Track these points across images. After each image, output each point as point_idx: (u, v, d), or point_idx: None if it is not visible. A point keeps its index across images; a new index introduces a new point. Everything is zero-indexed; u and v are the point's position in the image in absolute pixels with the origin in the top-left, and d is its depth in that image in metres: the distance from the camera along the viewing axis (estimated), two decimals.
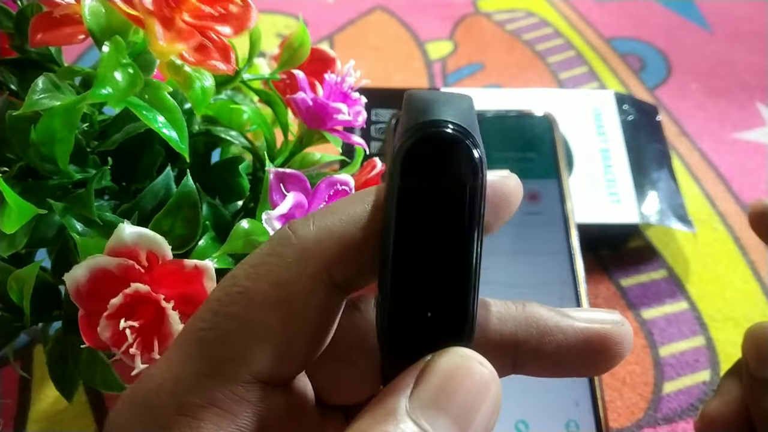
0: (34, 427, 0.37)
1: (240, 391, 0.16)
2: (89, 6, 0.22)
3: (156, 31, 0.21)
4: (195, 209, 0.24)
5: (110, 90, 0.21)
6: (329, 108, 0.27)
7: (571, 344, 0.18)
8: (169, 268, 0.21)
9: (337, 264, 0.16)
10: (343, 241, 0.17)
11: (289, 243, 0.17)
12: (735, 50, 0.63)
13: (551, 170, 0.43)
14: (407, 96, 0.18)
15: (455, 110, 0.16)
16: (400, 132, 0.17)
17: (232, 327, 0.16)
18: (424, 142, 0.16)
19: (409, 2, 0.68)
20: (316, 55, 0.31)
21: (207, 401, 0.16)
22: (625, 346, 0.18)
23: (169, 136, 0.23)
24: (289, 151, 0.29)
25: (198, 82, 0.23)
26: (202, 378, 0.16)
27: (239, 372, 0.16)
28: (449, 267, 0.16)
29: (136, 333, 0.20)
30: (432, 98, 0.17)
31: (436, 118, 0.16)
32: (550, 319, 0.18)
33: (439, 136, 0.16)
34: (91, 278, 0.21)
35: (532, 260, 0.40)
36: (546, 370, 0.19)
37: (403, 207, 0.16)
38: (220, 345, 0.16)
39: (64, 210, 0.23)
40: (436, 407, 0.15)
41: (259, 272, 0.16)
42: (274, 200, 0.22)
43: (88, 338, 0.21)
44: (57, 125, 0.22)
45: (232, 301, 0.16)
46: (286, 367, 0.17)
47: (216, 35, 0.23)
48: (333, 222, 0.17)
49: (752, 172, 0.52)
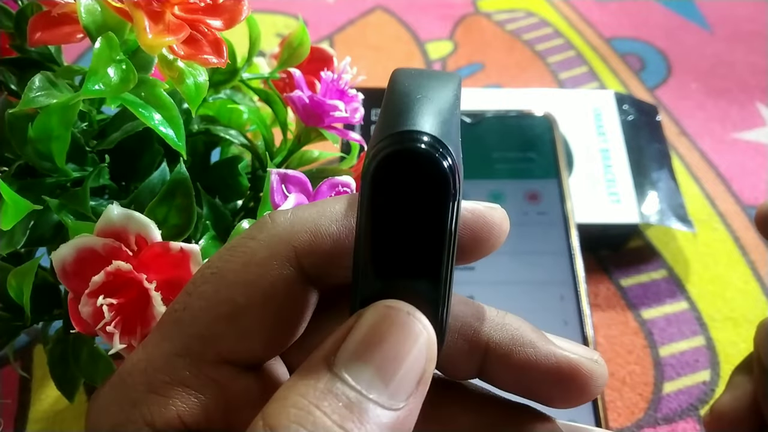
0: (34, 427, 0.37)
1: (207, 370, 0.16)
2: (85, 4, 0.22)
3: (143, 23, 0.21)
4: (189, 197, 0.24)
5: (102, 86, 0.21)
6: (326, 105, 0.27)
7: (541, 363, 0.18)
8: (155, 251, 0.21)
9: (306, 250, 0.17)
10: (315, 231, 0.17)
11: (264, 227, 0.17)
12: (735, 50, 0.63)
13: (551, 170, 0.43)
14: (392, 78, 0.17)
15: (435, 107, 0.16)
16: (375, 132, 0.16)
17: (202, 306, 0.16)
18: (394, 157, 0.15)
19: (409, 2, 0.68)
20: (315, 55, 0.31)
21: (174, 379, 0.16)
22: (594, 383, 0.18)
23: (165, 133, 0.23)
24: (288, 149, 0.29)
25: (191, 77, 0.23)
26: (171, 357, 0.16)
27: (206, 351, 0.16)
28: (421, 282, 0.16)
29: (115, 311, 0.20)
30: (412, 89, 0.17)
31: (409, 127, 0.15)
32: (528, 333, 0.18)
33: (410, 151, 0.15)
34: (77, 258, 0.20)
35: (532, 260, 0.40)
36: (508, 384, 0.18)
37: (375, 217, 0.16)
38: (190, 324, 0.16)
39: (59, 206, 0.23)
40: (360, 359, 0.15)
41: (233, 254, 0.17)
42: (275, 201, 0.22)
43: (77, 321, 0.21)
44: (54, 123, 0.22)
45: (204, 281, 0.17)
46: (253, 348, 0.17)
47: (207, 28, 0.23)
48: (310, 213, 0.17)
49: (752, 172, 0.52)
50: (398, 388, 0.15)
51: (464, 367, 0.18)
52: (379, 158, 0.15)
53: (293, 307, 0.17)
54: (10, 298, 0.24)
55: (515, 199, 0.42)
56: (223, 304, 0.16)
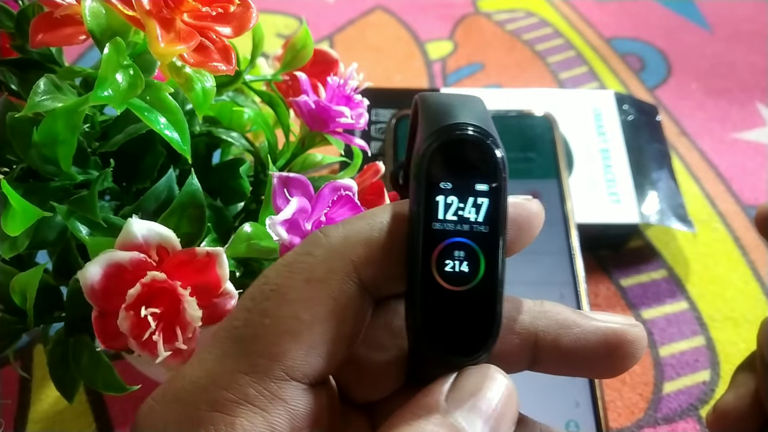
0: (34, 427, 0.37)
1: (273, 388, 0.16)
2: (89, 7, 0.22)
3: (155, 32, 0.21)
4: (200, 208, 0.24)
5: (111, 92, 0.21)
6: (332, 111, 0.27)
7: (588, 339, 0.18)
8: (180, 258, 0.21)
9: (364, 263, 0.17)
10: (370, 243, 0.17)
11: (319, 242, 0.17)
12: (735, 50, 0.63)
13: (551, 170, 0.43)
14: (421, 99, 0.18)
15: (472, 113, 0.17)
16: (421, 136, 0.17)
17: (265, 323, 0.16)
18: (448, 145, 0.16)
19: (409, 2, 0.68)
20: (318, 57, 0.31)
21: (241, 398, 0.16)
22: (638, 346, 0.19)
23: (170, 137, 0.23)
24: (291, 152, 0.29)
25: (199, 83, 0.23)
26: (236, 374, 0.16)
27: (272, 368, 0.16)
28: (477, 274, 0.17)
29: (157, 319, 0.20)
30: (448, 102, 0.18)
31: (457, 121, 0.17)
32: (569, 314, 0.19)
33: (464, 138, 0.16)
34: (104, 275, 0.20)
35: (532, 260, 0.40)
36: (561, 366, 0.19)
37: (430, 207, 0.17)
38: (254, 341, 0.16)
39: (68, 213, 0.23)
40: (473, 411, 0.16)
41: (292, 270, 0.17)
42: (277, 205, 0.22)
43: (103, 338, 0.21)
44: (59, 127, 0.22)
45: (265, 298, 0.17)
46: (318, 364, 0.17)
47: (216, 36, 0.23)
48: (361, 226, 0.17)
49: (752, 172, 0.52)
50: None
51: (517, 360, 0.19)
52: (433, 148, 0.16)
53: (354, 320, 0.17)
54: (12, 301, 0.24)
55: None
56: (287, 320, 0.16)
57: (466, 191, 0.16)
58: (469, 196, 0.16)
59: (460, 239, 0.16)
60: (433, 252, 0.16)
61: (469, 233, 0.16)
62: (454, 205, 0.16)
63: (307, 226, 0.22)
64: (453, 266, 0.16)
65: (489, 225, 0.17)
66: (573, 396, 0.35)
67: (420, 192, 0.16)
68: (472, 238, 0.16)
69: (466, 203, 0.16)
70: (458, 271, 0.17)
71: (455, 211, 0.16)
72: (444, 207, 0.16)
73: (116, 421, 0.37)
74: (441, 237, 0.16)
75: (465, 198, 0.16)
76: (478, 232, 0.16)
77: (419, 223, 0.16)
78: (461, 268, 0.17)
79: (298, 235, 0.22)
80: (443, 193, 0.16)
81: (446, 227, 0.16)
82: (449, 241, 0.16)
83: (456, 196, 0.16)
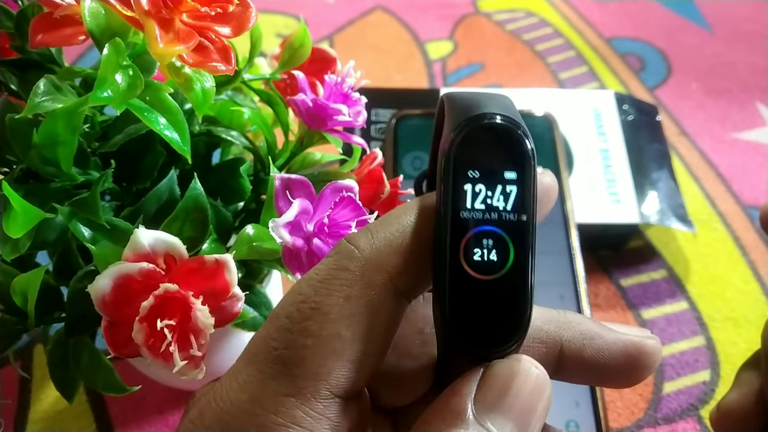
0: (34, 427, 0.37)
1: (319, 408, 0.16)
2: (89, 7, 0.22)
3: (154, 33, 0.21)
4: (203, 212, 0.24)
5: (110, 93, 0.21)
6: (330, 109, 0.27)
7: (610, 350, 0.19)
8: (189, 267, 0.21)
9: (400, 273, 0.17)
10: (403, 251, 0.17)
11: (353, 256, 0.17)
12: (735, 50, 0.63)
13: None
14: (448, 97, 0.18)
15: (500, 105, 0.17)
16: (448, 128, 0.17)
17: (308, 344, 0.16)
18: (477, 133, 0.16)
19: (409, 2, 0.68)
20: (316, 55, 0.31)
21: (289, 420, 0.16)
22: (655, 358, 0.19)
23: (170, 137, 0.23)
24: (290, 151, 0.29)
25: (198, 83, 0.23)
26: (281, 397, 0.16)
27: (318, 389, 0.16)
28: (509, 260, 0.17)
29: (172, 330, 0.20)
30: (476, 97, 0.18)
31: (486, 111, 0.17)
32: (592, 326, 0.19)
33: (493, 126, 0.16)
34: (115, 286, 0.21)
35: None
36: (582, 375, 0.19)
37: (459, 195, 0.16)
38: (298, 363, 0.16)
39: (70, 215, 0.23)
40: (501, 411, 0.16)
41: (330, 287, 0.17)
42: (279, 207, 0.22)
43: (114, 347, 0.21)
44: (60, 128, 0.22)
45: (305, 318, 0.17)
46: (358, 378, 0.17)
47: (215, 36, 0.23)
48: (392, 233, 0.17)
49: (752, 172, 0.52)
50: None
51: None
52: (462, 136, 0.16)
53: (392, 329, 0.17)
54: (13, 302, 0.24)
55: None
56: (331, 340, 0.16)
57: (494, 179, 0.16)
58: (498, 184, 0.16)
59: (488, 228, 0.16)
60: (461, 241, 0.16)
61: (498, 222, 0.16)
62: (482, 193, 0.16)
63: (309, 228, 0.22)
64: (482, 255, 0.16)
65: (518, 213, 0.16)
66: (573, 396, 0.35)
67: (448, 181, 0.16)
68: (501, 226, 0.16)
69: (494, 191, 0.16)
70: (487, 260, 0.16)
71: (483, 199, 0.16)
72: (472, 195, 0.16)
73: (116, 421, 0.37)
74: (469, 225, 0.16)
75: (493, 186, 0.16)
76: (507, 221, 0.16)
77: (447, 211, 0.16)
78: (490, 256, 0.16)
79: (300, 237, 0.22)
80: (471, 181, 0.16)
81: (474, 216, 0.16)
82: (477, 230, 0.16)
83: (484, 184, 0.16)
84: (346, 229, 0.22)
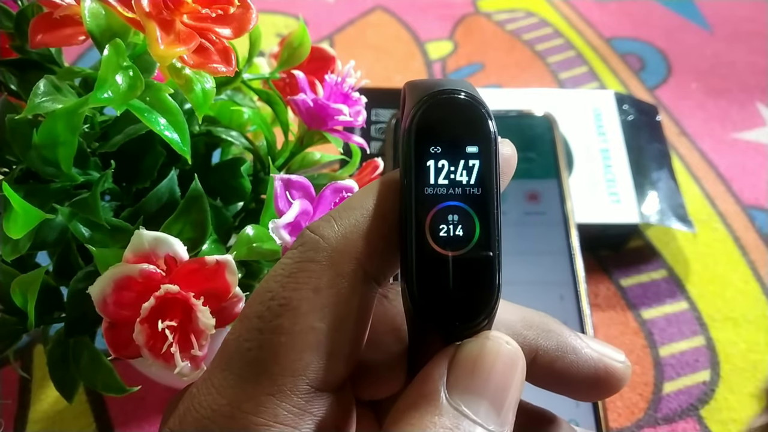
0: (34, 427, 0.37)
1: (301, 404, 0.16)
2: (89, 8, 0.22)
3: (155, 34, 0.21)
4: (204, 213, 0.24)
5: (111, 93, 0.21)
6: (330, 109, 0.27)
7: (581, 367, 0.19)
8: (189, 268, 0.21)
9: (368, 257, 0.17)
10: (368, 235, 0.17)
11: (319, 246, 0.17)
12: (735, 50, 0.63)
13: (551, 170, 0.43)
14: (408, 83, 0.18)
15: (461, 85, 0.17)
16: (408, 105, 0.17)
17: (282, 341, 0.16)
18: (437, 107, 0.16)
19: (409, 2, 0.68)
20: (315, 54, 0.31)
21: (271, 420, 0.16)
22: (622, 383, 0.19)
23: (170, 138, 0.23)
24: (290, 151, 0.29)
25: (199, 84, 0.23)
26: (261, 397, 0.16)
27: (297, 384, 0.16)
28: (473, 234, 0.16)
29: (173, 331, 0.20)
30: (436, 80, 0.18)
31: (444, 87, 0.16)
32: (569, 337, 0.19)
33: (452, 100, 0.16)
34: (115, 287, 0.21)
35: (532, 260, 0.40)
36: (547, 383, 0.19)
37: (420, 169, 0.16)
38: (274, 361, 0.16)
39: (70, 215, 0.23)
40: (474, 392, 0.16)
41: (298, 281, 0.16)
42: (279, 207, 0.22)
43: (115, 348, 0.22)
44: (59, 128, 0.22)
45: (276, 315, 0.16)
46: (338, 369, 0.17)
47: (216, 37, 0.23)
48: (356, 218, 0.17)
49: (752, 172, 0.52)
50: (507, 415, 0.16)
51: None
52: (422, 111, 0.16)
53: (366, 315, 0.17)
54: (13, 302, 0.24)
55: (515, 199, 0.42)
56: (304, 334, 0.16)
57: (456, 154, 0.16)
58: (460, 158, 0.16)
59: (453, 203, 0.16)
60: (427, 217, 0.16)
61: (462, 196, 0.16)
62: (445, 168, 0.16)
63: None
64: (447, 231, 0.16)
65: (482, 187, 0.16)
66: None
67: (410, 157, 0.16)
68: (465, 200, 0.16)
69: (457, 166, 0.16)
70: (453, 235, 0.16)
71: (447, 174, 0.16)
72: (435, 171, 0.16)
73: (116, 421, 0.37)
74: (434, 202, 0.16)
75: (456, 161, 0.16)
76: (471, 195, 0.16)
77: (411, 188, 0.16)
78: (456, 232, 0.16)
79: None
80: (434, 156, 0.16)
81: (438, 191, 0.16)
82: (442, 205, 0.16)
83: (447, 159, 0.16)
84: None
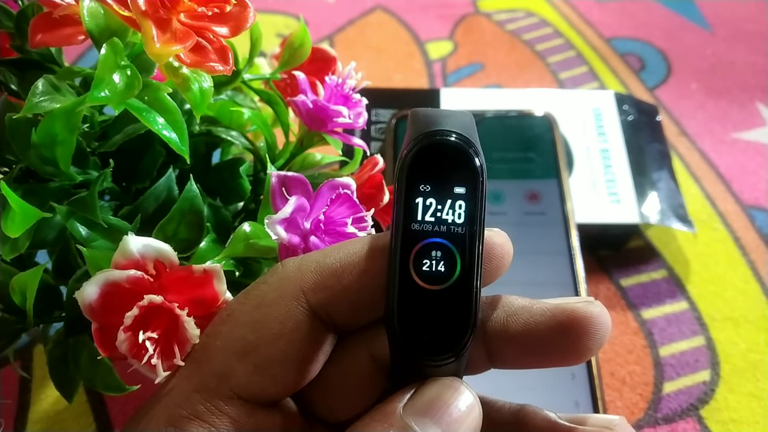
0: (34, 427, 0.37)
1: (220, 405, 0.17)
2: (88, 7, 0.22)
3: (151, 33, 0.21)
4: (199, 214, 0.24)
5: (108, 93, 0.21)
6: (330, 111, 0.27)
7: (538, 322, 0.18)
8: (178, 275, 0.21)
9: (312, 289, 0.18)
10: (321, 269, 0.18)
11: (275, 272, 0.19)
12: (735, 50, 0.63)
13: (551, 170, 0.43)
14: (412, 113, 0.19)
15: (457, 123, 0.18)
16: (406, 139, 0.18)
17: (217, 345, 0.18)
18: (429, 149, 0.17)
19: (409, 2, 0.68)
20: (316, 55, 0.31)
21: (191, 413, 0.17)
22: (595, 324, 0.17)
23: (169, 137, 0.23)
24: (290, 152, 0.29)
25: (196, 83, 0.23)
26: (189, 393, 0.18)
27: (220, 387, 0.17)
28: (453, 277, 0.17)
29: (155, 343, 0.20)
30: (435, 114, 0.18)
31: (440, 128, 0.17)
32: (517, 301, 0.19)
33: (444, 143, 0.17)
34: (102, 293, 0.21)
35: (532, 260, 0.40)
36: (518, 356, 0.18)
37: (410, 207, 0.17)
38: (207, 362, 0.18)
39: (67, 214, 0.23)
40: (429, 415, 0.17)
41: (247, 297, 0.19)
42: (276, 204, 0.22)
43: (104, 348, 0.22)
44: (58, 128, 0.22)
45: (222, 322, 0.19)
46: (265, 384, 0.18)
47: (213, 36, 0.23)
48: (318, 256, 0.18)
49: (752, 172, 0.52)
50: None
51: (475, 357, 0.19)
52: (414, 151, 0.17)
53: (304, 346, 0.18)
54: (12, 301, 0.24)
55: (515, 199, 0.42)
56: (235, 342, 0.18)
57: (444, 193, 0.17)
58: (448, 198, 0.17)
59: (437, 240, 0.17)
60: (412, 251, 0.17)
61: (446, 234, 0.17)
62: (432, 206, 0.17)
63: (306, 225, 0.22)
64: (430, 266, 0.17)
65: (466, 227, 0.17)
66: (573, 396, 0.35)
67: (400, 193, 0.17)
68: (449, 238, 0.17)
69: (444, 205, 0.17)
70: (435, 271, 0.17)
71: (434, 212, 0.17)
72: (423, 208, 0.17)
73: (116, 421, 0.37)
74: (419, 237, 0.17)
75: (443, 200, 0.17)
76: (455, 233, 0.17)
77: (399, 223, 0.17)
78: (438, 267, 0.17)
79: (296, 233, 0.22)
80: (422, 195, 0.17)
81: (424, 228, 0.17)
82: (427, 242, 0.17)
83: (435, 198, 0.17)
84: (343, 226, 0.22)
